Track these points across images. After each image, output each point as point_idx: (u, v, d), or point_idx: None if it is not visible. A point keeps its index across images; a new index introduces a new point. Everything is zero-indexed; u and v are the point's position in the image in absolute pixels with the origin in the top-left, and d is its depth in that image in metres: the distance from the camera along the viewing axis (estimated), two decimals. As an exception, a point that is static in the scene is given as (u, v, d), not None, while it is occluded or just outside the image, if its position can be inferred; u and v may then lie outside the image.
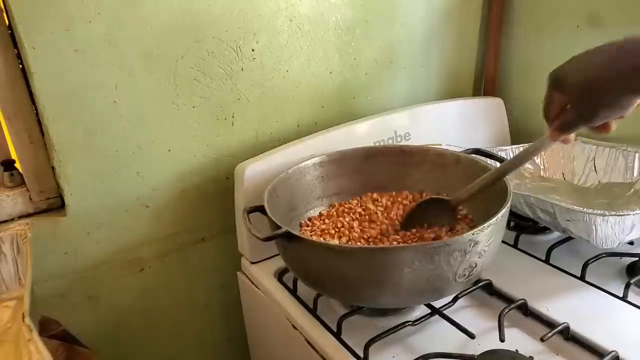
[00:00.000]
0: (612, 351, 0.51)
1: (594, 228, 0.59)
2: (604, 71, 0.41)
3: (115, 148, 0.67)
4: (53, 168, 0.65)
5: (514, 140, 0.97)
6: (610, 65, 0.41)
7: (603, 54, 0.42)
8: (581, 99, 0.43)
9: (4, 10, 0.58)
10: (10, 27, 0.59)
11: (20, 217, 0.66)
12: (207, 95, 0.72)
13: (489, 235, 0.49)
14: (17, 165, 0.66)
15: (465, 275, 0.50)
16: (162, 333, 0.82)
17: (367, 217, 0.68)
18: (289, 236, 0.51)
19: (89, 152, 0.66)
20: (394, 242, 0.60)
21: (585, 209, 0.59)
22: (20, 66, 0.61)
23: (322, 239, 0.62)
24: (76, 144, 0.65)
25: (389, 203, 0.71)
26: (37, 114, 0.63)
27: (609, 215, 0.57)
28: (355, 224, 0.66)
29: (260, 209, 0.58)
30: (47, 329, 0.63)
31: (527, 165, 0.88)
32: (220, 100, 0.73)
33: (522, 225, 0.76)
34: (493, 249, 0.52)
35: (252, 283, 0.73)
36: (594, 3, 0.82)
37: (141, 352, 0.81)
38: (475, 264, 0.50)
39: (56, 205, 0.68)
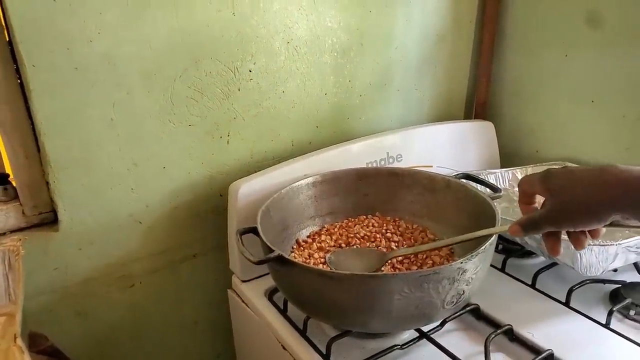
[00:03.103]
0: (595, 379, 0.52)
1: (578, 256, 0.60)
2: (589, 182, 0.42)
3: (110, 164, 0.68)
4: (47, 183, 0.65)
5: (504, 164, 1.00)
6: (597, 178, 0.42)
7: (594, 170, 0.43)
8: (557, 195, 0.44)
9: (4, 27, 0.59)
10: (10, 43, 0.59)
11: (12, 231, 0.66)
12: (204, 114, 0.73)
13: (477, 263, 0.50)
14: (11, 179, 0.67)
15: (453, 302, 0.51)
16: (149, 349, 0.81)
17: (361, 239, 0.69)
18: (281, 260, 0.52)
19: (84, 168, 0.66)
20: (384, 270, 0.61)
21: (570, 238, 0.60)
22: (19, 82, 0.61)
23: (313, 265, 0.63)
24: (72, 160, 0.65)
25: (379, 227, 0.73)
26: (33, 130, 0.63)
27: (593, 245, 0.58)
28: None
29: (254, 230, 0.59)
30: (35, 343, 0.63)
31: (516, 188, 0.90)
32: (216, 119, 0.74)
33: (510, 249, 0.77)
34: (481, 276, 0.53)
35: (242, 301, 0.73)
36: (582, 33, 0.85)
37: (128, 368, 0.81)
38: (463, 291, 0.51)
39: (49, 220, 0.68)
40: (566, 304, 0.65)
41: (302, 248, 0.70)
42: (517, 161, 0.99)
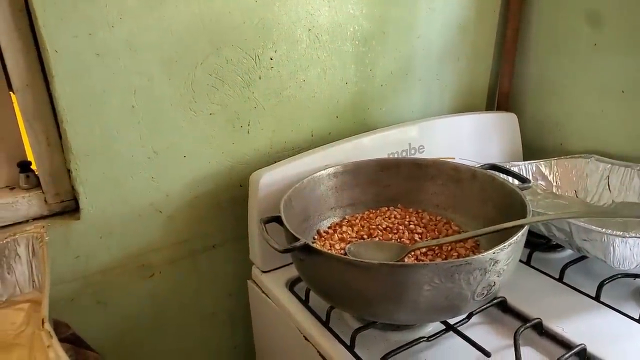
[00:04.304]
0: (630, 375, 0.51)
1: (611, 249, 0.58)
2: None
3: (131, 153, 0.67)
4: (69, 171, 0.65)
5: (526, 156, 0.97)
6: None
7: None
8: None
9: (26, 12, 0.58)
10: (32, 28, 0.59)
11: (34, 219, 0.66)
12: (225, 102, 0.72)
13: (509, 254, 0.49)
14: (34, 167, 0.66)
15: (483, 294, 0.49)
16: (168, 339, 0.81)
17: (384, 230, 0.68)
18: (307, 249, 0.51)
19: (105, 156, 0.66)
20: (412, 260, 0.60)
21: (604, 230, 0.58)
22: (41, 68, 0.61)
23: (340, 254, 0.62)
24: (93, 147, 0.65)
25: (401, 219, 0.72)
26: (55, 117, 0.63)
27: (629, 237, 0.56)
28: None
29: (277, 220, 0.58)
30: (57, 331, 0.63)
31: (540, 181, 0.88)
32: (236, 108, 0.73)
33: (535, 243, 0.75)
34: (512, 268, 0.52)
35: (263, 292, 0.72)
36: (613, 21, 0.82)
37: (146, 358, 0.80)
38: (494, 282, 0.49)
39: (70, 208, 0.68)
40: (596, 298, 0.63)
41: (323, 239, 0.68)
42: (540, 154, 0.97)
